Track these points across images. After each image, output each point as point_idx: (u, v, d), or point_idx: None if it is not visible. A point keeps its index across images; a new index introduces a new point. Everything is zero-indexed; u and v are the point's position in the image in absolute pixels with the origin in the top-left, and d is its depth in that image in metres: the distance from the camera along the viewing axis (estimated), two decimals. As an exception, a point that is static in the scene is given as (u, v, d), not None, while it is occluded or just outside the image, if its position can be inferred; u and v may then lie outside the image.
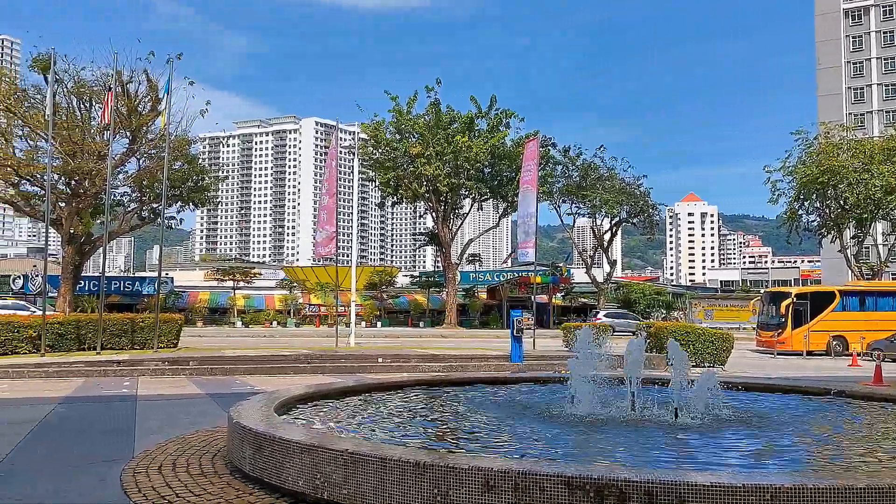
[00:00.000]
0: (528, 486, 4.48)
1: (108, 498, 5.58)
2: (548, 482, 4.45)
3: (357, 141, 34.88)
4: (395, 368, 18.06)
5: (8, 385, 14.30)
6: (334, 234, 26.36)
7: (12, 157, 33.53)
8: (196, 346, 26.25)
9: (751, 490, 4.20)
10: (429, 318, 60.12)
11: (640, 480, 4.34)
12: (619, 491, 4.34)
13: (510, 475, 4.54)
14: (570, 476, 4.43)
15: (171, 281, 61.45)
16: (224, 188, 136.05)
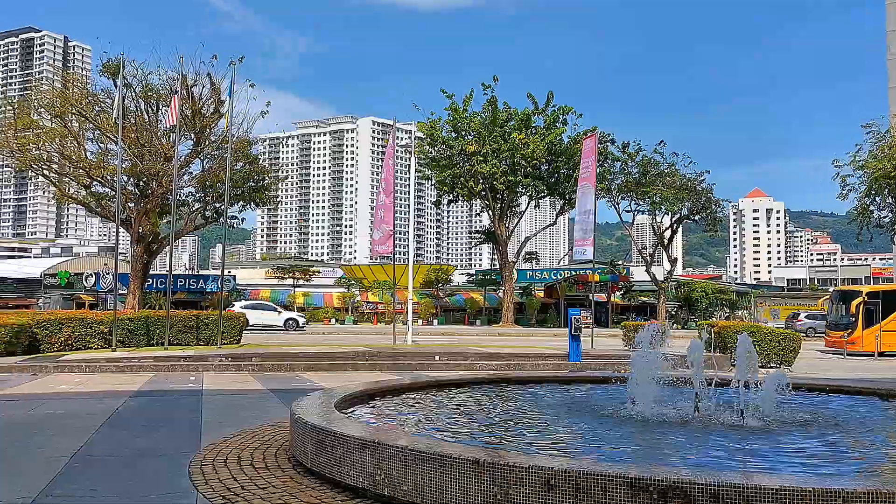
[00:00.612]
0: (589, 487, 4.43)
1: (177, 489, 5.75)
2: (610, 483, 4.39)
3: (413, 139, 35.16)
4: (452, 366, 18.10)
5: (82, 378, 14.89)
6: (391, 232, 26.59)
7: (84, 159, 34.87)
8: (258, 342, 26.85)
9: (821, 494, 4.05)
10: (485, 316, 60.05)
11: (706, 482, 4.23)
12: (684, 493, 4.24)
13: (571, 475, 4.49)
14: (633, 477, 4.36)
15: (233, 279, 63.07)
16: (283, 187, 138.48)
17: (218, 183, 36.79)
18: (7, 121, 37.20)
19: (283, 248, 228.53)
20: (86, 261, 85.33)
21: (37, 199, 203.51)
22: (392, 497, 5.15)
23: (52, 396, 11.91)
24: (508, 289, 53.31)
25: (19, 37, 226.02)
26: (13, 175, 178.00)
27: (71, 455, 7.04)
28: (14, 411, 10.08)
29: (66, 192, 37.53)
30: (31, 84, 61.37)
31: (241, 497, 5.40)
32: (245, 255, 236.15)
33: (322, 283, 71.51)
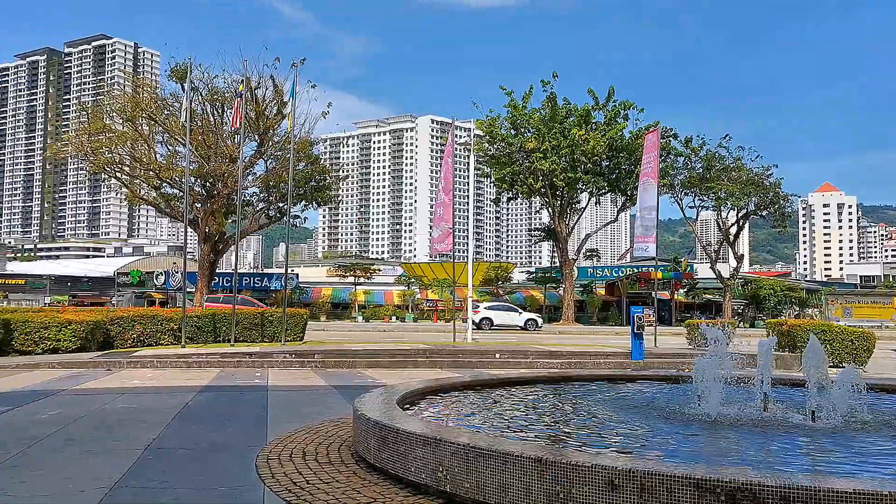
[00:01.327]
0: (654, 487, 4.35)
1: (244, 482, 5.90)
2: (675, 483, 4.30)
3: (472, 137, 35.11)
4: (512, 364, 18.03)
5: (153, 374, 15.41)
6: (450, 230, 26.63)
7: (154, 161, 36.11)
8: (320, 339, 27.30)
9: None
10: (545, 313, 59.67)
11: (776, 485, 4.11)
12: (753, 495, 4.12)
13: (636, 475, 4.42)
14: (700, 478, 4.26)
15: (296, 277, 64.33)
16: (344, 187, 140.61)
17: (281, 183, 37.60)
18: (82, 126, 38.81)
19: (344, 246, 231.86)
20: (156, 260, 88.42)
21: (110, 200, 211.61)
22: (454, 494, 5.17)
23: (126, 391, 12.36)
24: (569, 286, 52.84)
25: (92, 44, 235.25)
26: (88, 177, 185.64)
27: (144, 447, 7.31)
28: (91, 405, 10.51)
29: (137, 193, 38.94)
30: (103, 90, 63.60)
31: (306, 491, 5.51)
32: (307, 254, 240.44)
33: (382, 281, 72.31)
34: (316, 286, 67.49)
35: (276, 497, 5.39)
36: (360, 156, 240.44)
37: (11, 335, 18.53)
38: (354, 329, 43.78)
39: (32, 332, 18.67)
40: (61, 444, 7.52)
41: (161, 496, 5.49)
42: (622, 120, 48.93)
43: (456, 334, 27.72)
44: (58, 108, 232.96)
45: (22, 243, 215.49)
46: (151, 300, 61.20)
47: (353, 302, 63.35)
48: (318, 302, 61.20)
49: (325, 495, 5.38)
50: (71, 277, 75.43)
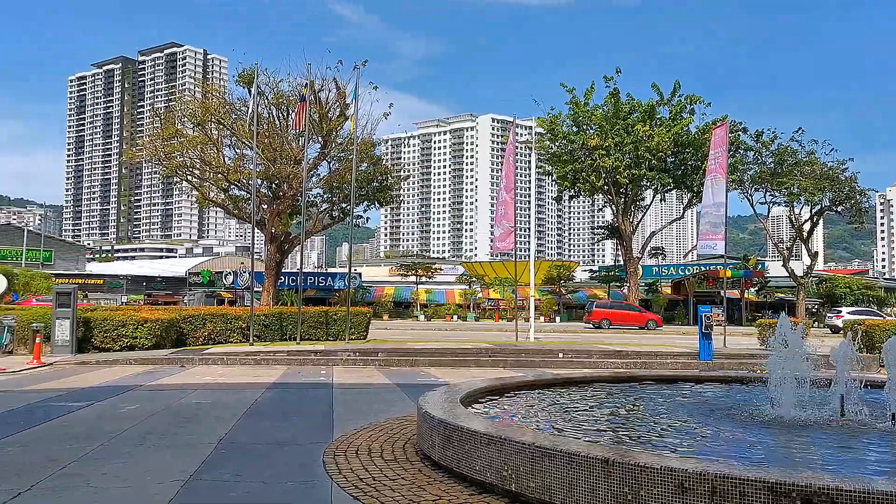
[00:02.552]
0: (726, 490, 4.24)
1: (312, 477, 6.02)
2: (748, 487, 4.19)
3: (534, 135, 34.89)
4: (575, 364, 17.86)
5: (224, 371, 15.87)
6: (512, 229, 26.54)
7: (223, 164, 37.09)
8: (383, 338, 27.60)
9: None
10: (609, 313, 58.75)
11: (854, 489, 3.96)
12: (830, 500, 3.98)
13: (707, 478, 4.32)
14: (774, 481, 4.14)
15: (359, 276, 65.14)
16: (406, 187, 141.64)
17: (344, 184, 38.09)
18: (155, 131, 40.20)
19: (406, 245, 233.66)
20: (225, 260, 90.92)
21: (181, 202, 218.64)
22: (520, 493, 5.16)
23: (199, 387, 12.77)
24: (633, 285, 51.96)
25: (164, 52, 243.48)
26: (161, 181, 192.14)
27: (217, 442, 7.54)
28: (167, 400, 10.89)
29: (206, 195, 40.07)
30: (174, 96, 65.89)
31: (372, 487, 5.58)
32: (370, 253, 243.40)
33: (444, 280, 72.58)
34: (378, 285, 68.26)
35: (343, 493, 5.48)
36: (420, 156, 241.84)
37: (92, 333, 19.37)
38: (416, 328, 44.08)
39: (111, 329, 19.47)
40: (140, 437, 7.83)
41: (233, 489, 5.65)
42: (688, 115, 47.82)
43: (518, 333, 27.62)
44: (132, 114, 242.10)
45: (100, 245, 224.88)
46: (221, 299, 62.99)
47: (414, 301, 63.81)
48: (381, 301, 61.86)
49: (392, 492, 5.45)
50: (146, 277, 78.29)
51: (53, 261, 72.33)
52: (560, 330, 41.30)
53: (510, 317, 52.67)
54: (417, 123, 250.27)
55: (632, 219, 51.58)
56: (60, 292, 18.91)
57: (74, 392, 11.92)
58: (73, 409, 9.93)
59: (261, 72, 34.25)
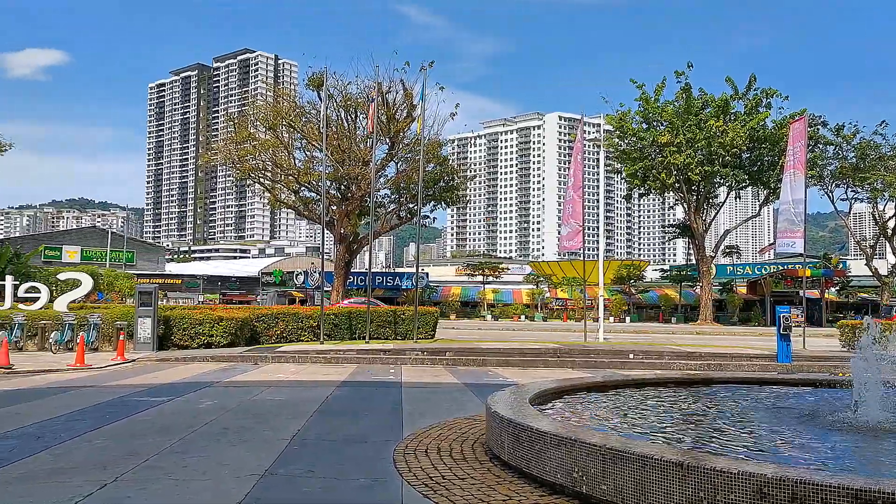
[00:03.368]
0: (807, 497, 4.08)
1: (383, 474, 6.09)
2: (831, 494, 4.01)
3: (602, 133, 34.39)
4: (646, 365, 17.51)
5: (295, 368, 16.22)
6: (580, 228, 26.24)
7: (294, 166, 37.97)
8: (450, 337, 27.70)
9: None
10: (681, 313, 57.52)
11: (951, 502, 3.74)
12: (922, 512, 3.78)
13: (787, 483, 4.16)
14: (859, 488, 3.95)
15: (426, 276, 65.57)
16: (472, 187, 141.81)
17: (411, 184, 38.46)
18: (229, 135, 41.45)
19: (473, 245, 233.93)
20: (296, 260, 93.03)
21: (254, 204, 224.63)
22: (591, 496, 5.09)
23: (272, 384, 13.09)
24: (706, 285, 50.65)
25: (237, 58, 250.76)
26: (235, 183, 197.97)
27: (291, 438, 7.71)
28: (242, 397, 11.21)
29: (278, 197, 41.08)
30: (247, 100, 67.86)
31: (442, 486, 5.60)
32: (436, 253, 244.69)
33: (511, 279, 72.33)
34: (445, 285, 68.54)
35: (413, 490, 5.52)
36: (487, 155, 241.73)
37: (171, 331, 20.11)
38: (483, 327, 44.06)
39: (189, 328, 20.17)
40: (217, 431, 8.08)
41: (307, 484, 5.77)
42: (764, 109, 46.32)
43: (587, 334, 27.29)
44: (208, 119, 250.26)
45: (178, 245, 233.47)
46: (292, 298, 64.45)
47: (481, 300, 63.80)
48: (448, 300, 62.09)
49: (461, 491, 5.45)
50: (221, 277, 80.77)
51: (135, 261, 75.49)
52: (630, 330, 40.59)
53: (578, 317, 52.09)
54: (484, 123, 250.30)
55: (704, 217, 50.30)
56: (142, 292, 19.68)
57: (155, 388, 12.39)
58: (154, 404, 10.33)
59: (329, 75, 34.91)
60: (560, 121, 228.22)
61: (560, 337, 30.91)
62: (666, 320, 56.61)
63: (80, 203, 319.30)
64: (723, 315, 55.05)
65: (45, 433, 7.89)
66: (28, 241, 68.73)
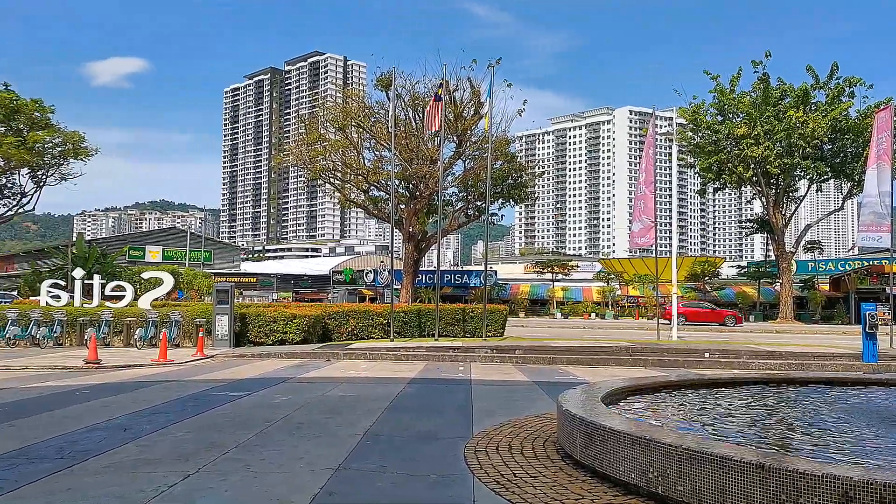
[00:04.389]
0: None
1: (454, 471, 6.11)
2: (926, 501, 3.81)
3: (675, 126, 33.60)
4: (723, 364, 17.02)
5: (366, 365, 16.46)
6: (652, 224, 25.71)
7: (363, 166, 38.48)
8: (519, 335, 27.57)
9: None
10: (759, 311, 55.72)
11: None
12: None
13: (874, 487, 3.98)
14: (957, 497, 3.74)
15: (494, 274, 65.44)
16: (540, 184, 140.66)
17: (479, 182, 38.42)
18: (300, 136, 42.35)
19: (541, 242, 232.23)
20: (365, 259, 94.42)
21: (325, 204, 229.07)
22: (666, 497, 4.98)
23: (344, 380, 13.31)
24: (786, 282, 48.87)
25: (308, 61, 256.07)
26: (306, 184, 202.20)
27: (363, 433, 7.83)
28: (315, 392, 11.45)
29: (348, 196, 41.72)
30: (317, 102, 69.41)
31: (514, 484, 5.59)
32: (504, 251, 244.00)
33: (580, 277, 71.48)
34: (514, 283, 68.25)
35: (485, 488, 5.52)
36: (555, 151, 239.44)
37: (247, 328, 20.71)
38: (553, 325, 43.71)
39: (264, 325, 20.73)
40: (292, 426, 8.28)
41: (379, 479, 5.84)
42: (847, 98, 44.33)
43: (660, 332, 26.74)
44: (280, 121, 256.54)
45: (253, 245, 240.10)
46: (362, 296, 65.43)
47: (551, 298, 63.27)
48: (517, 298, 61.81)
49: (533, 489, 5.42)
50: (293, 276, 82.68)
51: (213, 261, 78.08)
52: (705, 328, 39.54)
53: (651, 315, 51.07)
54: (552, 119, 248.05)
55: (784, 211, 48.54)
56: (220, 290, 20.33)
57: (233, 383, 12.79)
58: (232, 398, 10.66)
59: (397, 75, 35.23)
60: (630, 115, 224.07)
61: (632, 335, 30.37)
62: (743, 319, 54.96)
63: (161, 205, 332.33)
64: (804, 313, 53.00)
65: (132, 425, 8.25)
66: (113, 242, 72.00)
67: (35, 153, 40.04)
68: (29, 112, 39.90)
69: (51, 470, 6.03)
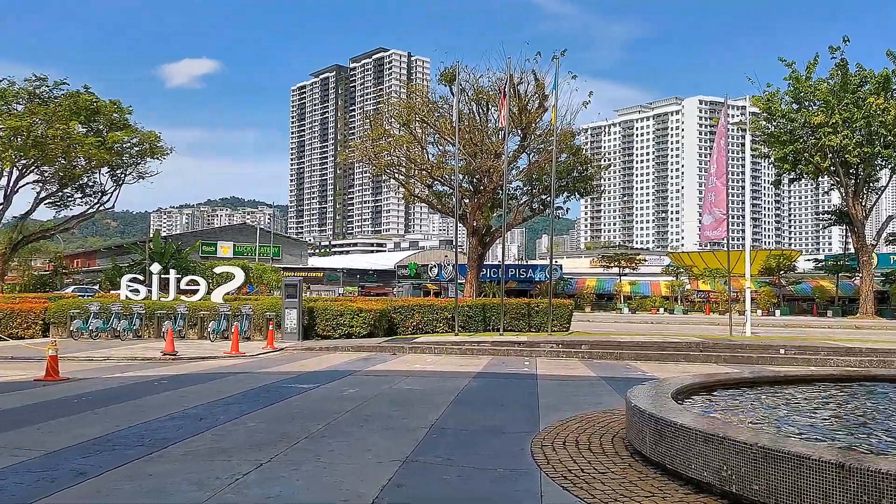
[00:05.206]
0: None
1: (521, 466, 6.10)
2: None
3: (748, 115, 32.48)
4: (799, 361, 16.43)
5: (432, 359, 16.56)
6: (724, 216, 24.99)
7: (427, 161, 38.65)
8: (585, 330, 27.26)
9: None
10: (838, 306, 53.58)
11: None
12: None
13: (969, 494, 3.78)
14: None
15: (560, 268, 64.84)
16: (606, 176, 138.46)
17: (543, 175, 38.12)
18: (366, 133, 42.84)
19: (607, 236, 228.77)
20: (430, 253, 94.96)
21: (389, 199, 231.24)
22: (740, 496, 4.84)
23: (410, 374, 13.43)
24: (866, 276, 46.82)
25: (372, 57, 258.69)
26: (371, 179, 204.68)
27: (429, 426, 7.88)
28: (382, 385, 11.59)
29: (412, 192, 41.99)
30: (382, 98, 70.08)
31: (581, 479, 5.53)
32: (569, 245, 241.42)
33: (648, 271, 70.13)
34: (579, 277, 67.47)
35: (552, 483, 5.49)
36: (622, 143, 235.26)
37: (315, 321, 21.11)
38: (620, 320, 43.04)
39: (331, 318, 21.09)
40: (360, 418, 8.40)
41: (446, 472, 5.88)
42: (932, 82, 42.11)
43: (732, 327, 26.02)
44: (345, 118, 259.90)
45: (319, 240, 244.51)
46: (427, 291, 65.79)
47: (617, 293, 62.29)
48: (582, 293, 61.10)
49: (602, 485, 5.36)
50: (359, 270, 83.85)
51: (281, 256, 79.89)
52: (780, 324, 38.26)
53: (722, 310, 49.73)
54: (618, 111, 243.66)
55: (864, 202, 46.49)
56: (288, 284, 20.78)
57: (302, 375, 13.06)
58: (301, 390, 10.89)
59: (461, 69, 35.25)
60: (700, 105, 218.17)
61: (702, 330, 29.65)
62: (820, 314, 52.91)
63: (232, 202, 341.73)
64: (886, 309, 50.68)
65: (207, 415, 8.52)
66: (187, 238, 74.52)
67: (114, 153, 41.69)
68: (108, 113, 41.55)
69: (133, 456, 6.29)
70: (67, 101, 39.71)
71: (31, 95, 39.39)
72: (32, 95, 39.43)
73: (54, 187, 43.48)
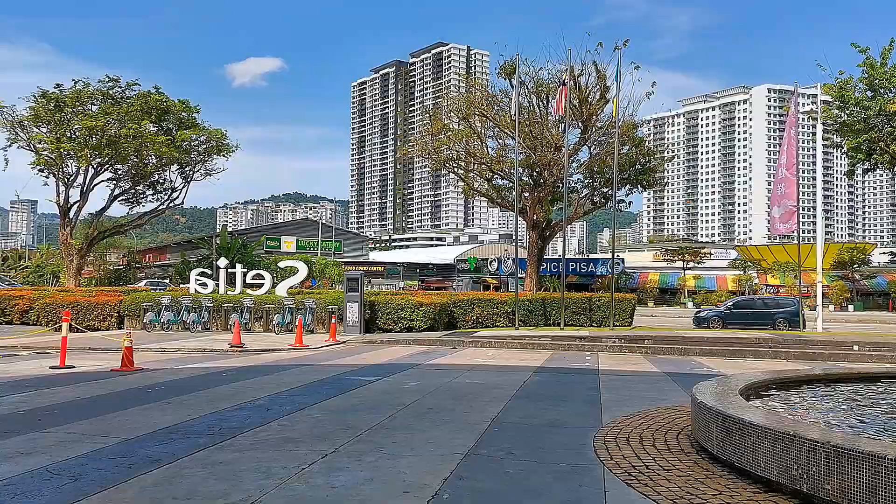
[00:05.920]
0: None
1: (583, 461, 6.06)
2: None
3: (819, 104, 31.32)
4: (874, 358, 15.81)
5: (492, 353, 16.57)
6: (794, 209, 24.22)
7: (486, 155, 38.53)
8: (648, 325, 26.82)
9: None
10: (917, 301, 51.27)
11: None
12: None
13: None
14: None
15: (622, 262, 63.89)
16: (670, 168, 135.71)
17: (605, 168, 37.52)
18: (425, 127, 43.01)
19: (671, 229, 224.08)
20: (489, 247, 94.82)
21: (449, 193, 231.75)
22: (812, 495, 4.70)
23: (471, 367, 13.48)
24: (947, 270, 44.61)
25: (431, 52, 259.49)
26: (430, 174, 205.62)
27: (490, 420, 7.90)
28: (443, 378, 11.66)
29: (471, 186, 41.92)
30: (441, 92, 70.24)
31: (646, 476, 5.46)
32: (631, 239, 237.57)
33: (714, 265, 68.49)
34: (642, 271, 66.41)
35: (615, 479, 5.43)
36: (686, 134, 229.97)
37: (376, 315, 21.38)
38: (684, 315, 42.14)
39: (392, 312, 21.32)
40: (422, 411, 8.48)
41: (509, 466, 5.88)
42: None
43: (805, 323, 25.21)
44: (405, 113, 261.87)
45: (380, 234, 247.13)
46: (486, 285, 65.75)
47: (681, 287, 61.05)
48: (645, 287, 60.11)
49: (667, 482, 5.28)
50: (419, 264, 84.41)
51: (342, 250, 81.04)
52: (854, 320, 36.86)
53: (791, 305, 48.18)
54: (682, 101, 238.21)
55: (945, 192, 44.29)
56: (350, 278, 21.09)
57: (364, 367, 13.26)
58: (364, 382, 11.06)
59: (521, 62, 34.95)
60: (769, 93, 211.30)
61: (770, 326, 28.79)
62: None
63: (294, 197, 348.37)
64: (970, 304, 48.32)
65: (273, 406, 8.75)
66: (252, 233, 76.32)
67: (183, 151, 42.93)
68: (177, 112, 42.81)
69: (204, 445, 6.51)
70: (139, 101, 41.07)
71: (105, 96, 40.89)
72: (106, 96, 40.92)
73: (127, 184, 45.04)
